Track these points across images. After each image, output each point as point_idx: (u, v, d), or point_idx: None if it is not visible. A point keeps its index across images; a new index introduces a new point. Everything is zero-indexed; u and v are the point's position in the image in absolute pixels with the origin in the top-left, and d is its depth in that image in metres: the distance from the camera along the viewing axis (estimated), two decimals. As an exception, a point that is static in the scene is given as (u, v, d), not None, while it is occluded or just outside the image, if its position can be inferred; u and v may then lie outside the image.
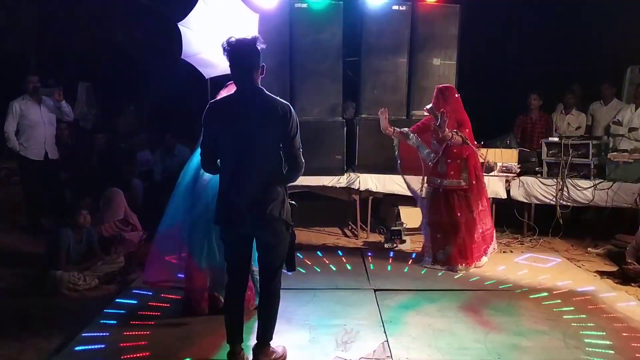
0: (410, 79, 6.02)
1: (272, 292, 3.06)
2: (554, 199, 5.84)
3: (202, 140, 2.97)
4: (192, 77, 5.72)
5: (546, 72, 8.03)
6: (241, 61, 2.87)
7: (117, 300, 4.12)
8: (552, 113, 7.05)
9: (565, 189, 5.79)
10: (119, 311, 3.88)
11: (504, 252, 5.62)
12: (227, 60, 2.89)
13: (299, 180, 3.26)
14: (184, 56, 5.52)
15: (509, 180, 5.96)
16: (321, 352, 3.28)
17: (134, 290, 4.28)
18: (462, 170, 4.91)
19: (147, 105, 9.18)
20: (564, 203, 5.82)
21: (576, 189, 5.76)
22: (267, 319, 3.07)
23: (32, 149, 5.82)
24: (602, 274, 4.92)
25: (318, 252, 5.40)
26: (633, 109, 6.37)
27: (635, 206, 5.53)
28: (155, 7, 8.85)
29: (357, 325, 3.65)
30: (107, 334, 3.50)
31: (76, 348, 3.30)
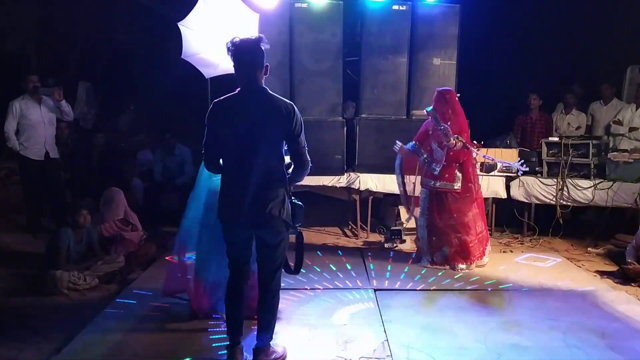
0: (410, 79, 6.01)
1: (272, 292, 3.06)
2: (554, 199, 5.84)
3: (206, 139, 2.97)
4: (192, 77, 5.72)
5: (546, 72, 8.03)
6: (245, 61, 2.87)
7: (117, 300, 4.12)
8: (552, 113, 7.06)
9: (565, 188, 5.80)
10: (119, 311, 3.88)
11: (504, 252, 5.62)
12: (229, 60, 2.89)
13: (299, 181, 3.27)
14: (184, 56, 5.52)
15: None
16: (321, 352, 3.28)
17: (134, 290, 4.28)
18: (457, 173, 4.91)
19: (147, 105, 9.15)
20: (564, 203, 5.83)
21: (576, 188, 5.76)
22: (267, 319, 3.07)
23: (32, 148, 5.81)
24: (602, 273, 4.92)
25: (318, 251, 5.40)
26: (633, 109, 6.38)
27: (635, 206, 5.54)
28: (155, 7, 8.85)
29: (357, 325, 3.65)
30: (107, 334, 3.50)
31: (76, 348, 3.29)
